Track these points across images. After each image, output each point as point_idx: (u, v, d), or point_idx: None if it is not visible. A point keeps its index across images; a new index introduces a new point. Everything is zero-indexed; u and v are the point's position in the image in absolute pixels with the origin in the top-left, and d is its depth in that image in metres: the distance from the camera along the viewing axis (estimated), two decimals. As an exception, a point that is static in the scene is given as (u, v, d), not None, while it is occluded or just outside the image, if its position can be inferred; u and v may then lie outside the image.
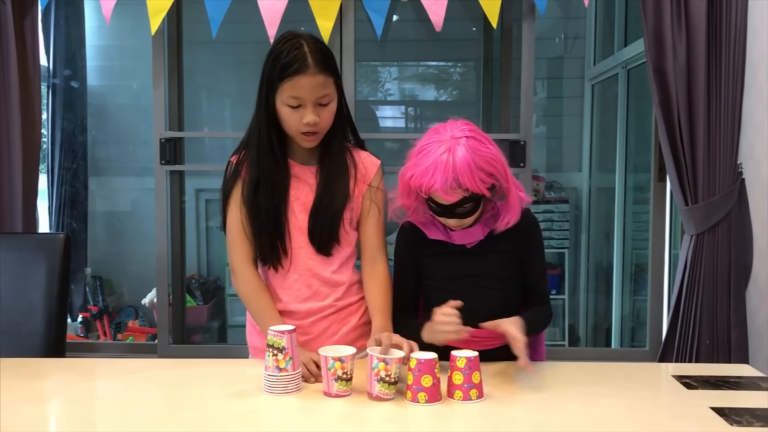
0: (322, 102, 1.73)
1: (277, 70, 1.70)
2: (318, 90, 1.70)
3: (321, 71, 1.70)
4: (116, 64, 4.42)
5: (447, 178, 1.62)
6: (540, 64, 4.41)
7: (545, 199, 4.31)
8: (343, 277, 1.87)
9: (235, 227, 1.83)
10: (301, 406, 1.54)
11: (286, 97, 1.71)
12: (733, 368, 1.84)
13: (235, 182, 1.83)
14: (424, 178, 1.64)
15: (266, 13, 2.48)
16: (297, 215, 1.82)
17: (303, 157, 1.85)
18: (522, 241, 1.81)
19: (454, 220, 1.74)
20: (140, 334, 4.09)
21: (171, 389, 1.68)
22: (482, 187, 1.66)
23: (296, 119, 1.72)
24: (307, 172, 1.84)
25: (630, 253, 3.89)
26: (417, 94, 4.52)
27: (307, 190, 1.84)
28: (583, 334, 4.33)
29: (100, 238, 4.47)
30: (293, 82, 1.69)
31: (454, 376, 1.53)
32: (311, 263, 1.84)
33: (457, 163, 1.62)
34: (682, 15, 2.45)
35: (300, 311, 1.85)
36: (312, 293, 1.85)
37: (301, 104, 1.71)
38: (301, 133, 1.75)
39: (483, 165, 1.65)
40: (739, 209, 2.49)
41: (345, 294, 1.87)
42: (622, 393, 1.61)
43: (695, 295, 2.52)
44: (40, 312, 2.17)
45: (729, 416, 1.45)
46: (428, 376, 1.51)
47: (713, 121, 2.47)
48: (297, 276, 1.84)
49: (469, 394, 1.52)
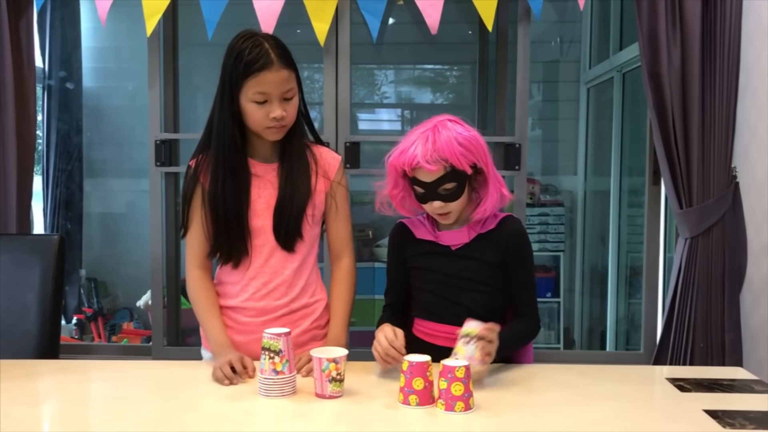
0: (287, 96, 1.77)
1: (242, 68, 1.73)
2: (283, 84, 1.75)
3: (284, 66, 1.75)
4: (112, 65, 4.41)
5: (428, 150, 1.70)
6: (536, 68, 4.41)
7: (540, 202, 4.31)
8: (301, 278, 1.89)
9: (193, 231, 1.87)
10: (294, 408, 1.54)
11: (252, 93, 1.74)
12: (727, 371, 1.85)
13: (194, 187, 1.86)
14: (407, 153, 1.73)
15: (262, 14, 2.48)
16: (259, 213, 1.84)
17: (264, 155, 1.87)
18: (506, 250, 1.82)
19: (438, 202, 1.76)
20: (135, 336, 4.08)
21: (165, 390, 1.67)
22: (463, 161, 1.72)
23: (262, 114, 1.76)
24: (269, 170, 1.87)
25: (625, 256, 3.89)
26: (413, 96, 4.52)
27: (270, 188, 1.86)
28: (578, 338, 4.33)
29: (95, 239, 4.46)
30: (259, 78, 1.72)
31: (454, 387, 1.49)
32: (273, 261, 1.86)
33: (438, 137, 1.72)
34: (676, 18, 2.45)
35: (254, 308, 1.87)
36: (268, 291, 1.87)
37: (267, 99, 1.75)
38: (266, 128, 1.78)
39: (463, 141, 1.73)
40: (733, 212, 2.49)
41: (300, 294, 1.89)
42: (616, 395, 1.61)
43: (690, 298, 2.52)
44: (34, 313, 2.17)
45: (722, 419, 1.45)
46: (420, 379, 1.51)
47: (708, 124, 2.48)
48: (255, 273, 1.86)
49: (470, 402, 1.50)
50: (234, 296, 1.88)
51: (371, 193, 1.90)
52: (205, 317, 1.87)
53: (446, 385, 1.48)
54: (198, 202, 1.85)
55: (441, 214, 1.79)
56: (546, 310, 4.26)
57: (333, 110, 2.63)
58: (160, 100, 2.68)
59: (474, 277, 1.82)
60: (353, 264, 1.96)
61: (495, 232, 1.82)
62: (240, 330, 1.87)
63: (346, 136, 2.63)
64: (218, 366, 1.71)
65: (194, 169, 1.86)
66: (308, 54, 3.39)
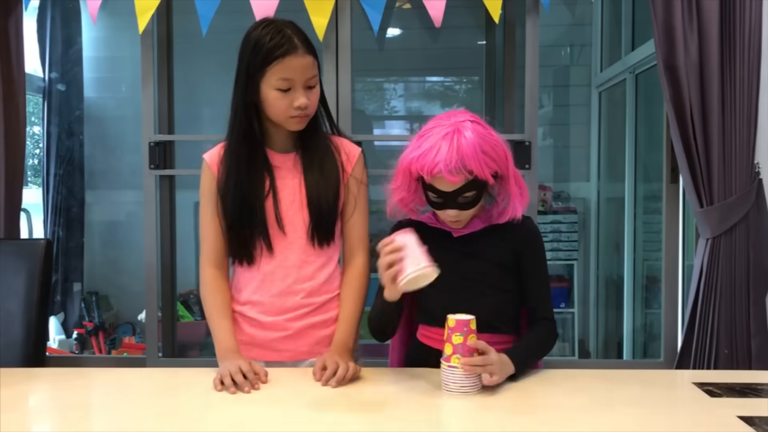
0: (311, 84, 1.69)
1: (263, 55, 1.64)
2: (308, 71, 1.67)
3: (308, 51, 1.67)
4: (114, 75, 4.34)
5: (451, 158, 1.55)
6: (546, 73, 4.32)
7: (553, 210, 4.19)
8: (327, 274, 1.79)
9: (204, 226, 1.78)
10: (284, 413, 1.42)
11: (275, 80, 1.65)
12: (759, 375, 1.71)
13: (206, 180, 1.78)
14: (427, 158, 1.57)
15: (258, 9, 2.38)
16: (285, 205, 1.74)
17: (282, 145, 1.78)
18: (520, 251, 1.71)
19: (454, 211, 1.64)
20: (136, 350, 3.97)
21: (149, 398, 1.55)
22: (486, 171, 1.58)
23: (286, 103, 1.67)
24: (287, 160, 1.78)
25: (641, 264, 3.76)
26: (418, 102, 4.43)
27: (290, 178, 1.76)
28: (593, 349, 4.19)
29: (97, 251, 4.36)
30: (284, 64, 1.64)
31: (470, 339, 1.47)
32: (297, 256, 1.75)
33: (462, 143, 1.56)
34: (693, 7, 2.34)
35: (273, 306, 1.76)
36: (286, 287, 1.75)
37: (291, 87, 1.66)
38: (290, 117, 1.69)
39: (486, 148, 1.59)
40: (757, 211, 2.36)
41: (319, 289, 1.78)
42: (639, 401, 1.48)
43: (712, 302, 2.38)
44: (18, 322, 2.06)
45: (759, 425, 1.31)
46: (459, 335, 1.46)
47: (728, 117, 2.35)
48: (273, 269, 1.76)
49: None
50: (253, 292, 1.77)
51: (378, 202, 1.79)
52: (214, 318, 1.75)
53: (462, 339, 1.46)
54: (212, 197, 1.76)
55: (454, 221, 1.68)
56: (560, 321, 4.09)
57: (333, 108, 2.51)
58: (154, 99, 2.58)
59: (482, 279, 1.69)
60: (367, 264, 1.82)
61: (507, 232, 1.70)
62: (258, 327, 1.77)
63: (347, 134, 2.52)
64: (229, 372, 1.57)
65: (208, 163, 1.78)
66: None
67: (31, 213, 3.77)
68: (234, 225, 1.74)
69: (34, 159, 4.36)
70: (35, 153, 4.35)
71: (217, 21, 2.42)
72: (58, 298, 4.08)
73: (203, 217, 1.78)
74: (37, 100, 4.10)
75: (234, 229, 1.74)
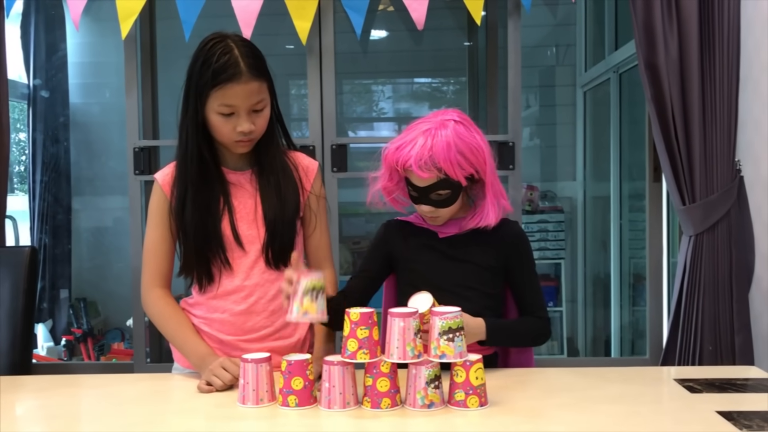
0: (257, 108, 1.63)
1: (207, 78, 1.58)
2: (252, 97, 1.61)
3: (254, 77, 1.60)
4: (99, 81, 4.33)
5: (423, 154, 1.57)
6: (531, 74, 4.34)
7: (540, 209, 4.21)
8: None
9: (150, 246, 1.73)
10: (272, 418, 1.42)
11: (217, 105, 1.60)
12: (739, 370, 1.73)
13: (157, 200, 1.73)
14: (402, 151, 1.60)
15: (241, 13, 2.39)
16: (242, 223, 1.71)
17: (236, 163, 1.74)
18: (506, 255, 1.71)
19: (428, 207, 1.65)
20: (124, 356, 3.96)
21: (135, 404, 1.55)
22: (458, 172, 1.59)
23: (229, 128, 1.62)
24: (242, 178, 1.74)
25: (627, 262, 3.78)
26: (402, 104, 4.44)
27: (247, 197, 1.72)
28: (581, 347, 4.21)
29: (85, 257, 4.35)
30: (225, 91, 1.58)
31: (379, 383, 1.41)
32: (256, 274, 1.71)
33: (436, 140, 1.57)
34: (672, 7, 2.37)
35: (233, 325, 1.71)
36: (248, 306, 1.71)
37: (234, 112, 1.61)
38: (234, 141, 1.65)
39: (463, 149, 1.59)
40: (738, 207, 2.39)
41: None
42: (621, 398, 1.49)
43: (696, 298, 2.40)
44: (3, 330, 2.06)
45: (737, 420, 1.32)
46: (299, 379, 1.43)
47: (709, 116, 2.38)
48: (234, 288, 1.71)
49: (396, 399, 1.43)
50: (212, 311, 1.73)
51: (363, 204, 1.77)
52: (178, 333, 1.71)
53: (367, 333, 1.41)
54: (163, 217, 1.71)
55: (430, 216, 1.69)
56: (549, 320, 4.13)
57: (318, 111, 2.53)
58: (138, 105, 2.58)
59: (463, 282, 1.69)
60: (335, 276, 1.83)
61: (491, 236, 1.71)
62: (218, 342, 1.72)
63: (332, 138, 2.53)
64: (211, 371, 1.57)
65: (159, 183, 1.73)
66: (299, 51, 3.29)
67: (18, 220, 3.76)
68: (192, 243, 1.69)
69: (20, 166, 4.34)
70: (21, 160, 4.33)
71: (200, 25, 2.42)
72: (45, 305, 4.06)
73: (150, 237, 1.73)
74: (23, 106, 4.08)
75: (191, 248, 1.69)
